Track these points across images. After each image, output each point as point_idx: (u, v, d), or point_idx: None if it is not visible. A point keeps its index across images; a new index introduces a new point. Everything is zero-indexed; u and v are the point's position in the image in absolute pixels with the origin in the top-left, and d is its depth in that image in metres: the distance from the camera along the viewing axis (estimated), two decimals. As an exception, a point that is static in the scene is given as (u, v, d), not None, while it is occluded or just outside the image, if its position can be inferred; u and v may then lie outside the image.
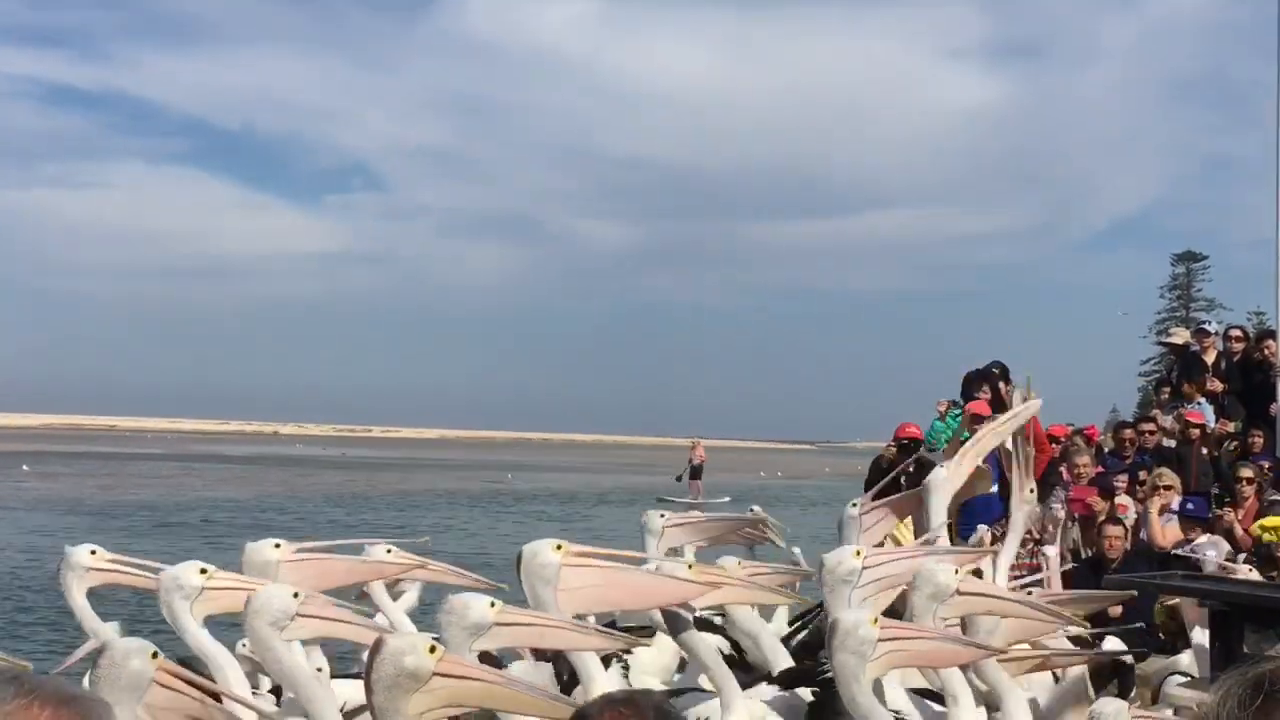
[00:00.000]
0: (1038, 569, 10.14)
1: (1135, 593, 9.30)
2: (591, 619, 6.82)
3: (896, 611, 7.01)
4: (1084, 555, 12.36)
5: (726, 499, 51.98)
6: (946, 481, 8.40)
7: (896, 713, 6.35)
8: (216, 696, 5.68)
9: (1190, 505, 12.81)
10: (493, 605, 5.79)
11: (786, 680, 7.32)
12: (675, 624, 7.05)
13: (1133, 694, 8.06)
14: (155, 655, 5.12)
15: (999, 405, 14.45)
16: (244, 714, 5.16)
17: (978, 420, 13.81)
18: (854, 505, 8.53)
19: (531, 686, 5.84)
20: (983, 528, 10.06)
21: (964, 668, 6.49)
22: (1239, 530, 12.41)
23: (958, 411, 14.46)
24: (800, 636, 8.90)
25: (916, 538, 8.90)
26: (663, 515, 8.54)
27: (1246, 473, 13.14)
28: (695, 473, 55.62)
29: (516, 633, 5.94)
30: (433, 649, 5.06)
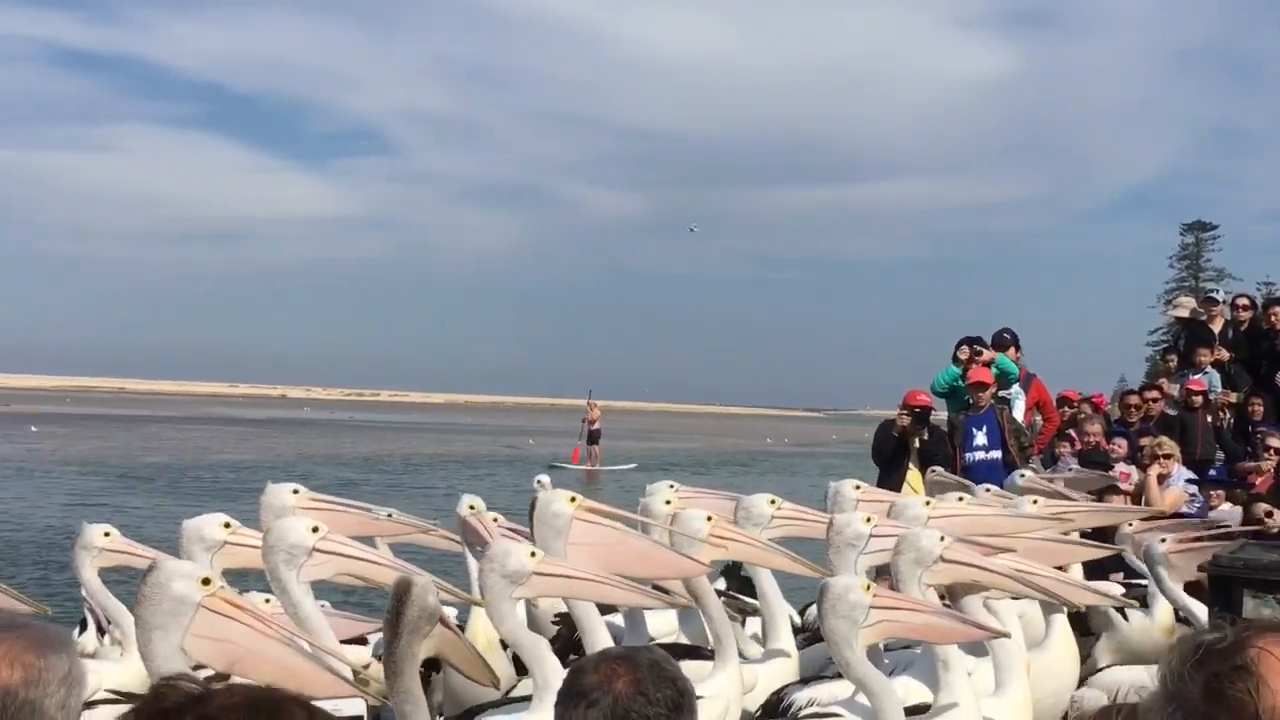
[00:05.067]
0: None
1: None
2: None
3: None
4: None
5: (632, 465, 51.68)
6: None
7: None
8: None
9: (1213, 472, 12.87)
10: (533, 555, 5.92)
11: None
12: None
13: None
14: (206, 582, 5.00)
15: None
16: (288, 657, 5.09)
17: (980, 388, 13.96)
18: (857, 488, 8.56)
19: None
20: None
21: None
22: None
23: (954, 369, 14.56)
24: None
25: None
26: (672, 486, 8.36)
27: (1275, 442, 13.16)
28: (592, 437, 52.40)
29: (554, 583, 6.04)
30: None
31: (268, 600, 6.64)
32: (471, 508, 8.36)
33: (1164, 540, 8.95)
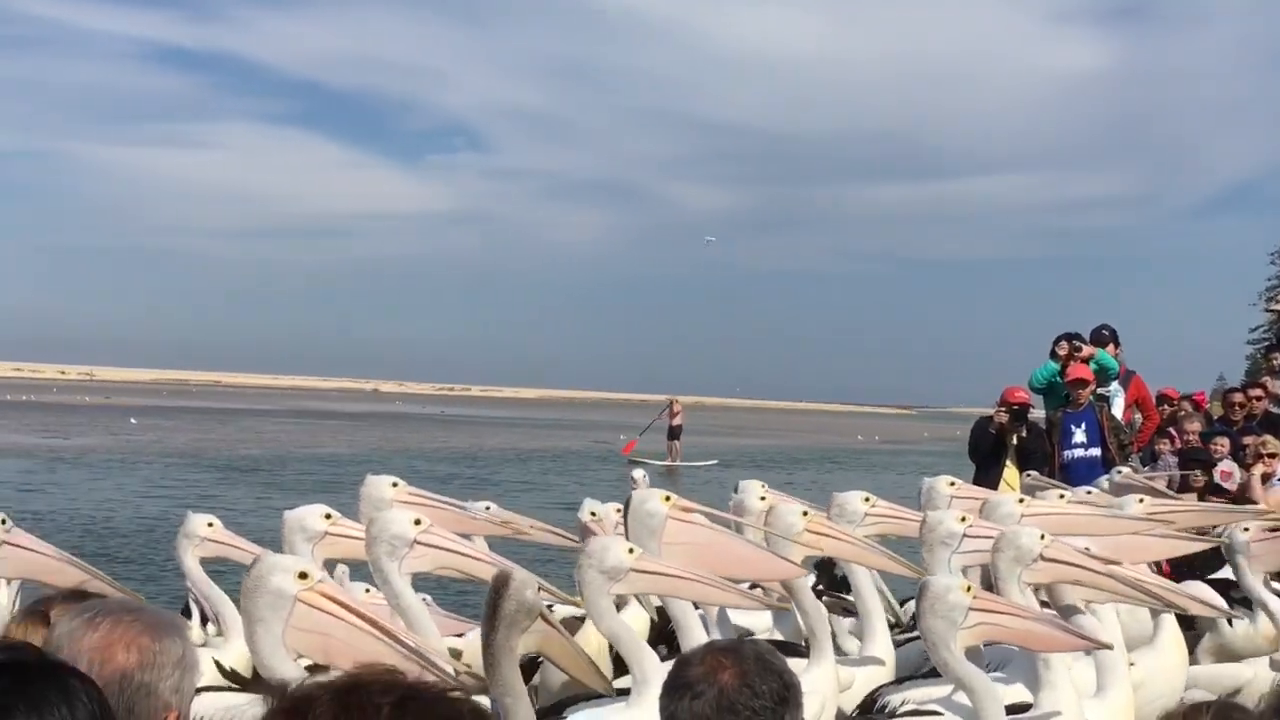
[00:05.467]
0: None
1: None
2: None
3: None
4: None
5: (713, 462, 51.51)
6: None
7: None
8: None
9: None
10: (631, 551, 5.91)
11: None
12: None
13: None
14: (304, 576, 5.01)
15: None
16: (383, 650, 5.11)
17: (1080, 385, 13.81)
18: (952, 484, 8.51)
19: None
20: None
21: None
22: None
23: (1053, 365, 14.41)
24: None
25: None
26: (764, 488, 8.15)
27: None
28: (673, 433, 51.93)
29: (652, 581, 6.04)
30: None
31: (368, 590, 6.70)
32: (593, 514, 8.37)
33: (1246, 529, 8.75)
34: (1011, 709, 6.03)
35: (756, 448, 71.39)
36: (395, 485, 7.18)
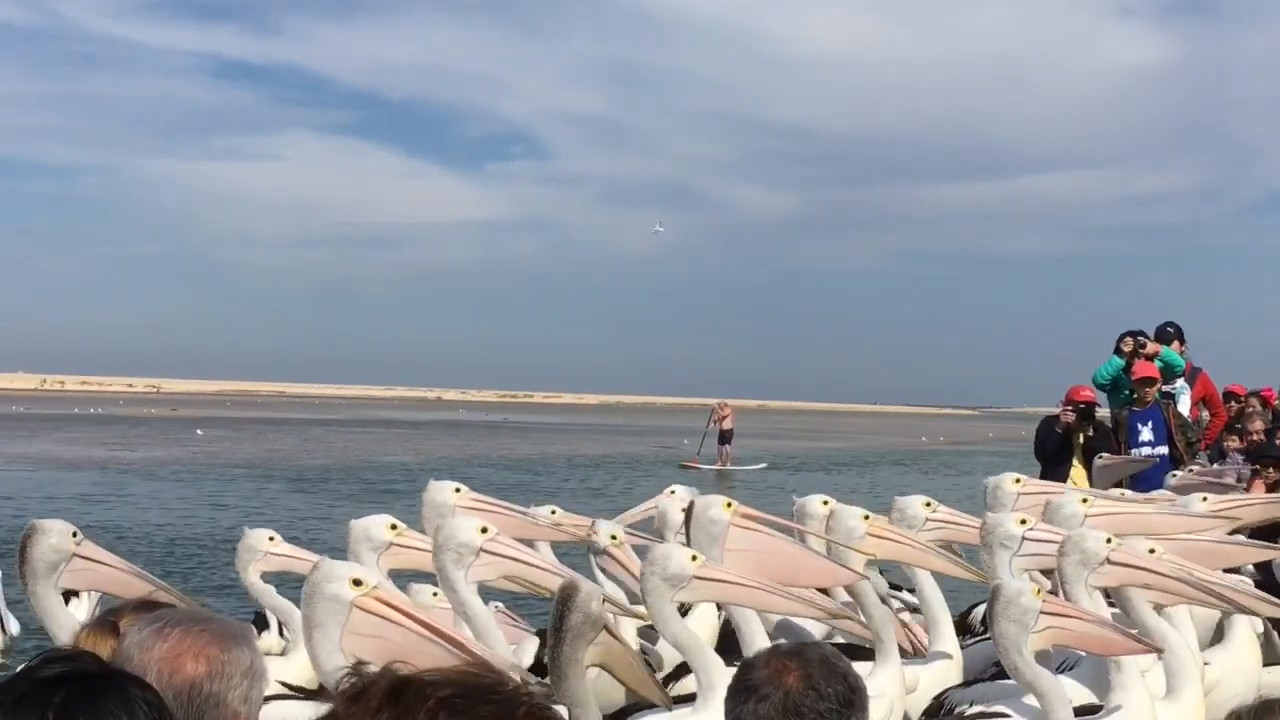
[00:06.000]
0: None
1: None
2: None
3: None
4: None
5: (762, 465, 51.16)
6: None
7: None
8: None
9: None
10: (694, 559, 5.90)
11: None
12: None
13: None
14: (358, 583, 5.03)
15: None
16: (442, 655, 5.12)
17: (1147, 383, 13.69)
18: (1017, 481, 8.45)
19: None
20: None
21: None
22: None
23: (1117, 361, 14.29)
24: None
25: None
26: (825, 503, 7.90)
27: None
28: (724, 437, 51.22)
29: (715, 588, 6.03)
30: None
31: (435, 594, 6.72)
32: (613, 538, 7.90)
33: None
34: (1079, 710, 6.01)
35: (821, 450, 71.15)
36: (458, 491, 7.20)
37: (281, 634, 8.15)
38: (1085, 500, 8.10)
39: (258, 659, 2.87)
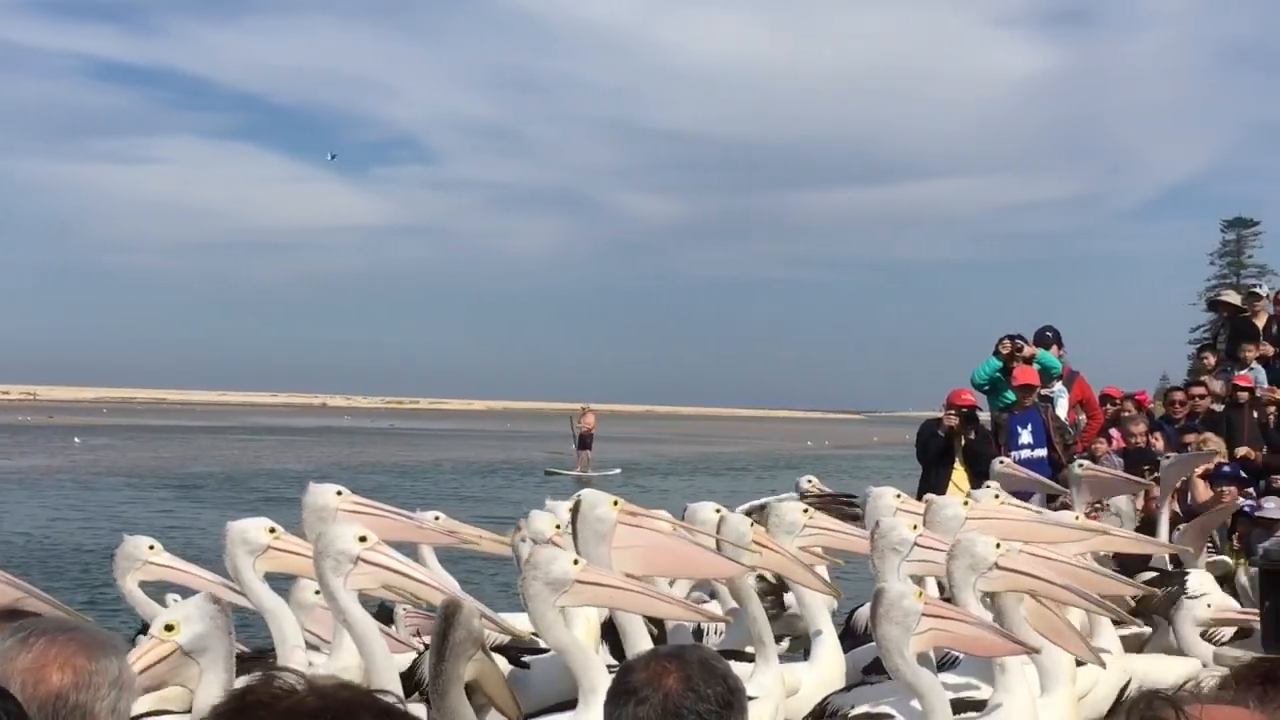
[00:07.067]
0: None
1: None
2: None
3: None
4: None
5: (616, 471, 51.18)
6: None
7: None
8: None
9: (1226, 468, 12.77)
10: (576, 563, 5.89)
11: None
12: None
13: None
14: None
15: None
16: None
17: (1027, 390, 13.87)
18: (897, 496, 8.42)
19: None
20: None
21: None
22: None
23: (995, 362, 14.48)
24: None
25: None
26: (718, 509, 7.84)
27: None
28: (583, 442, 51.85)
29: (597, 592, 6.00)
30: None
31: (317, 592, 6.63)
32: (558, 527, 7.65)
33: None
34: (963, 706, 6.11)
35: (696, 454, 71.53)
36: (340, 494, 7.06)
37: None
38: (966, 503, 8.22)
39: (126, 669, 2.80)
